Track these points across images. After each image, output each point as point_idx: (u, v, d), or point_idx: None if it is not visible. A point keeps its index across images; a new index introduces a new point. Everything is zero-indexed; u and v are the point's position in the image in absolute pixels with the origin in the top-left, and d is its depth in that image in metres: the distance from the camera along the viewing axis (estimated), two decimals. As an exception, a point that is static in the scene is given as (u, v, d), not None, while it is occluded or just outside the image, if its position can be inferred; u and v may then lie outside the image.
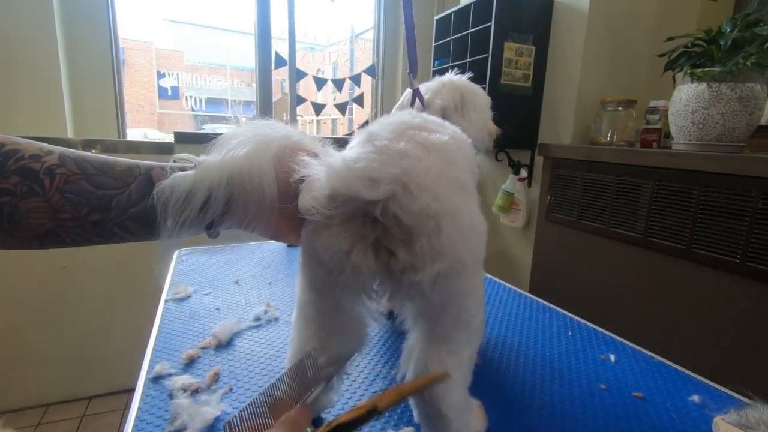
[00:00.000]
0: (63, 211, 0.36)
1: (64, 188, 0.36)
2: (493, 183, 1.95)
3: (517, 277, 1.83)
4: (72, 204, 0.36)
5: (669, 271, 1.16)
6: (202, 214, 0.37)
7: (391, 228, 0.34)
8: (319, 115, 2.38)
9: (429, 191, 0.34)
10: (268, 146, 0.38)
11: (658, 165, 1.17)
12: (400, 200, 0.33)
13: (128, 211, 0.38)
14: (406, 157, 0.34)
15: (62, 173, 0.36)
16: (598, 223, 1.36)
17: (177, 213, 0.36)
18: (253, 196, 0.37)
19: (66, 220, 0.37)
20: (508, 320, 0.77)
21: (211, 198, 0.36)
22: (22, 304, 1.68)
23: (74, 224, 0.37)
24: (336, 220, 0.34)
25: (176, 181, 0.36)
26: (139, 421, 0.49)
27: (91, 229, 0.38)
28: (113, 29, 1.81)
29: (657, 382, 0.59)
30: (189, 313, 0.77)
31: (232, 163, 0.37)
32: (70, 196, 0.36)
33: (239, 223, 0.40)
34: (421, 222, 0.33)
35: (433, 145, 0.37)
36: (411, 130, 0.37)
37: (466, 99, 0.70)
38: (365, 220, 0.34)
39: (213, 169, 0.36)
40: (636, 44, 1.53)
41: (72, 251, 1.71)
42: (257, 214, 0.39)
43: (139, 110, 3.24)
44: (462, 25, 1.72)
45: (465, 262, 0.36)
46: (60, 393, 1.80)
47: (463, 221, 0.35)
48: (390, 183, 0.33)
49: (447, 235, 0.33)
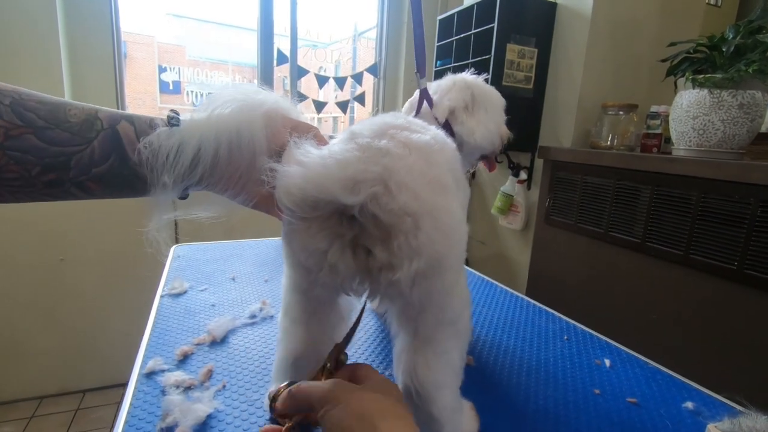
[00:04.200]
0: (7, 170, 0.32)
1: (5, 144, 0.31)
2: (492, 185, 1.95)
3: (514, 278, 1.83)
4: (19, 162, 0.32)
5: (666, 277, 1.16)
6: (192, 169, 0.36)
7: (368, 226, 0.33)
8: (320, 112, 2.38)
9: (409, 190, 0.33)
10: (257, 109, 0.38)
11: (658, 170, 1.16)
12: (379, 199, 0.32)
13: (91, 170, 0.35)
14: (387, 155, 0.34)
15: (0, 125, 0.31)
16: (596, 227, 1.36)
17: (170, 168, 0.35)
18: (243, 151, 0.37)
19: (11, 180, 0.32)
20: (504, 323, 0.77)
21: (200, 153, 0.35)
22: (17, 296, 1.68)
23: (22, 184, 0.33)
24: (313, 221, 0.34)
25: (162, 136, 0.35)
26: (130, 417, 0.49)
27: (44, 188, 0.34)
28: (115, 22, 1.80)
29: (651, 388, 0.58)
30: (184, 309, 0.76)
31: (220, 118, 0.36)
32: (14, 154, 0.32)
33: (222, 184, 0.39)
34: (399, 220, 0.33)
35: (414, 145, 0.36)
36: (393, 129, 0.37)
37: (478, 99, 0.69)
38: (342, 218, 0.34)
39: (200, 124, 0.36)
40: (638, 49, 1.53)
41: (70, 243, 1.71)
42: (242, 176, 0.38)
43: (140, 104, 3.24)
44: (465, 26, 1.72)
45: (444, 262, 0.35)
46: (54, 386, 1.80)
47: (442, 221, 0.35)
48: (371, 185, 0.32)
49: (426, 234, 0.33)
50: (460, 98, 0.68)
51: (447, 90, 0.68)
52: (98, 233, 1.73)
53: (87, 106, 0.36)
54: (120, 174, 0.36)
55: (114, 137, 0.35)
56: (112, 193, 0.37)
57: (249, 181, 0.39)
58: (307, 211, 0.33)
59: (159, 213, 0.39)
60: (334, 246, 0.34)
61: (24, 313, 1.70)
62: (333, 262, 0.34)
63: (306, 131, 0.40)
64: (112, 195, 0.38)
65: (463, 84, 0.69)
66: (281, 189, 0.33)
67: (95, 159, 0.35)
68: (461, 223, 0.38)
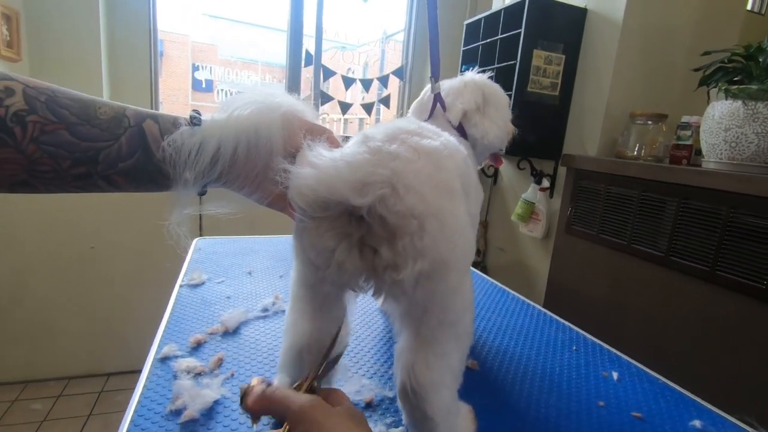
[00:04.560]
0: (41, 163, 0.34)
1: (40, 139, 0.33)
2: (514, 191, 1.93)
3: (532, 287, 1.80)
4: (52, 156, 0.34)
5: (690, 293, 1.12)
6: (212, 166, 0.38)
7: (375, 227, 0.34)
8: (346, 113, 2.41)
9: (416, 192, 0.34)
10: (275, 110, 0.40)
11: (686, 182, 1.13)
12: (386, 200, 0.34)
13: (118, 165, 0.37)
14: (396, 159, 0.35)
15: (35, 121, 0.33)
16: (618, 239, 1.33)
17: (192, 164, 0.37)
18: (260, 150, 0.39)
19: (45, 173, 0.35)
20: (512, 330, 0.76)
21: (220, 150, 0.37)
22: (52, 280, 1.77)
23: (54, 176, 0.35)
24: (324, 220, 0.35)
25: (185, 134, 0.37)
26: (143, 398, 0.51)
27: (73, 181, 0.36)
28: (153, 21, 1.88)
29: (659, 404, 0.57)
30: (201, 299, 0.79)
31: (239, 119, 0.38)
32: (48, 148, 0.34)
33: (239, 181, 0.41)
34: (405, 222, 0.34)
35: (424, 150, 0.37)
36: (405, 134, 0.38)
37: (488, 99, 0.70)
38: (351, 218, 0.35)
39: (220, 124, 0.38)
40: (670, 57, 1.48)
41: (100, 233, 1.79)
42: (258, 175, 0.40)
43: (173, 100, 3.36)
44: (491, 31, 1.71)
45: (448, 264, 0.36)
46: (81, 367, 1.88)
47: (448, 223, 0.36)
48: (380, 187, 0.33)
49: (430, 236, 0.34)
50: (472, 100, 0.68)
51: (459, 92, 0.68)
52: (127, 224, 1.80)
53: (115, 104, 0.38)
54: (144, 169, 0.38)
55: (140, 134, 0.38)
56: (137, 187, 0.40)
57: (264, 180, 0.41)
58: (318, 210, 0.35)
59: (179, 208, 0.41)
60: (342, 245, 0.36)
61: (57, 297, 1.79)
62: (340, 260, 0.36)
63: (320, 134, 0.42)
64: (136, 189, 0.40)
65: (474, 85, 0.69)
66: (294, 189, 0.35)
67: (122, 154, 0.37)
68: (467, 227, 0.39)
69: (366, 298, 0.39)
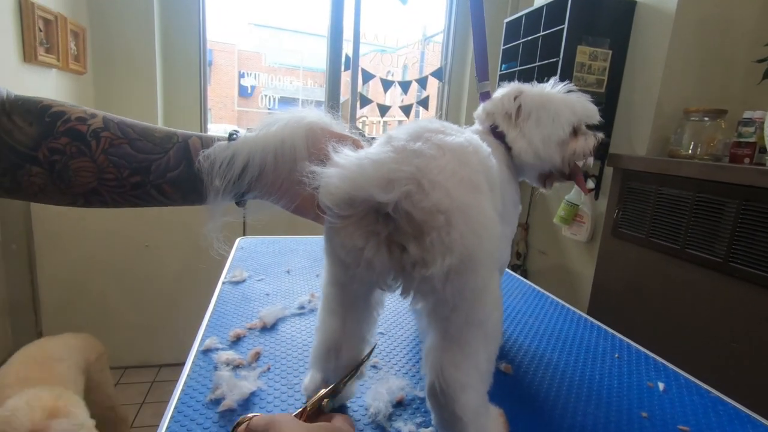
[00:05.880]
0: (107, 171, 0.40)
1: (108, 150, 0.40)
2: (557, 193, 1.86)
3: (576, 292, 1.73)
4: (115, 165, 0.41)
5: (753, 303, 1.04)
6: (242, 176, 0.42)
7: (402, 224, 0.35)
8: (384, 116, 2.43)
9: (441, 188, 0.34)
10: (300, 122, 0.44)
11: (749, 183, 1.05)
12: (412, 197, 0.34)
13: (166, 174, 0.43)
14: (420, 156, 0.35)
15: (107, 136, 0.40)
16: (671, 243, 1.25)
17: (222, 174, 0.41)
18: (286, 157, 0.42)
19: (109, 180, 0.41)
20: (549, 334, 0.74)
21: (249, 162, 0.41)
22: (111, 275, 1.90)
23: (116, 184, 0.41)
24: (351, 219, 0.36)
25: (219, 148, 0.42)
26: (186, 387, 0.54)
27: (131, 190, 0.42)
28: (203, 32, 1.99)
29: (709, 418, 0.53)
30: (241, 295, 0.83)
31: (267, 134, 0.42)
32: (113, 158, 0.40)
33: (267, 189, 0.44)
34: (431, 217, 0.34)
35: (447, 146, 0.37)
36: (428, 132, 0.38)
37: (528, 108, 0.63)
38: (378, 216, 0.36)
39: (251, 139, 0.42)
40: (730, 49, 1.38)
41: (154, 233, 1.90)
42: (284, 181, 0.43)
43: (221, 107, 3.52)
44: (533, 28, 1.67)
45: (476, 259, 0.35)
46: (137, 358, 2.01)
47: (474, 218, 0.35)
48: (405, 184, 0.34)
49: (458, 231, 0.34)
50: (500, 105, 0.64)
51: (497, 97, 0.66)
52: (177, 225, 1.91)
53: (169, 129, 0.45)
54: (188, 179, 0.44)
55: (185, 148, 0.44)
56: (184, 197, 0.45)
57: (290, 184, 0.43)
58: (345, 209, 0.36)
59: (214, 216, 0.45)
60: (370, 243, 0.36)
61: (115, 291, 1.92)
62: (369, 259, 0.36)
63: (345, 140, 0.44)
64: (183, 199, 0.45)
65: (511, 91, 0.64)
66: (321, 189, 0.36)
67: (170, 165, 0.43)
68: (493, 222, 0.38)
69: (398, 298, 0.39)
